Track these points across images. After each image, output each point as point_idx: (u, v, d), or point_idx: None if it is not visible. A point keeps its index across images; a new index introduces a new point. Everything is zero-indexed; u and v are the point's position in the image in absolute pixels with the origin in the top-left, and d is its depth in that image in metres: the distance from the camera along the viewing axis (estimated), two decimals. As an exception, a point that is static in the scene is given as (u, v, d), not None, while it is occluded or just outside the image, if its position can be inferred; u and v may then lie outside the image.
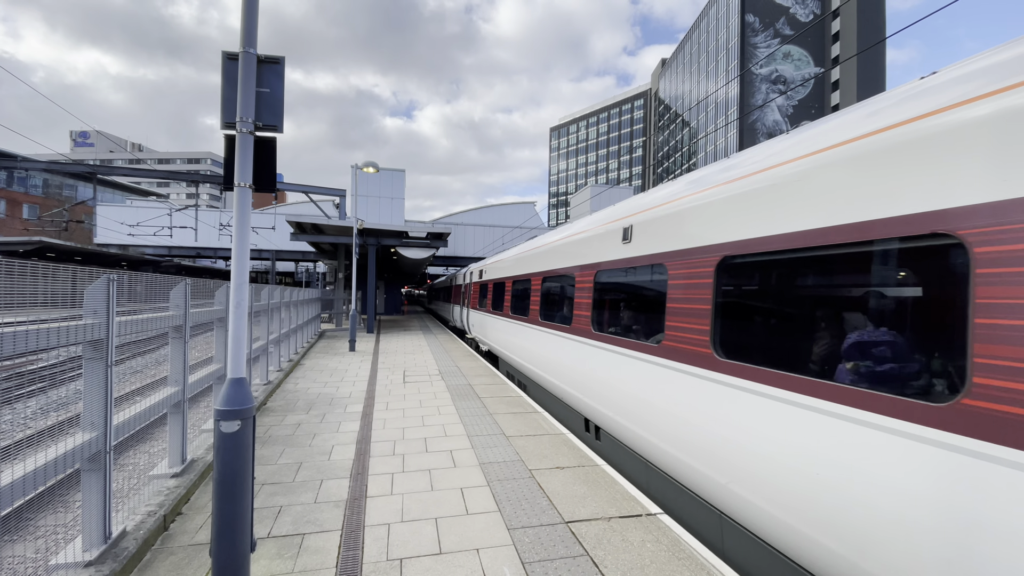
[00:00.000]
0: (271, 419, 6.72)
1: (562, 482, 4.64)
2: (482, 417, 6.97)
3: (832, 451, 2.53)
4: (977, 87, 2.10)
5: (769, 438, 2.94)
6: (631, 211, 5.14)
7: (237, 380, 2.86)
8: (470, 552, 3.40)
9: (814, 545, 2.65)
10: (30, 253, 23.57)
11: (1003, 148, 1.92)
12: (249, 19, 2.98)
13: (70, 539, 3.86)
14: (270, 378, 8.94)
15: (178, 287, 4.34)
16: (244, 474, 2.79)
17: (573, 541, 3.55)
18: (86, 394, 3.07)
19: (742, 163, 3.61)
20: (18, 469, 2.45)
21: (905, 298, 2.54)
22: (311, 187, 22.65)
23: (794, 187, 2.97)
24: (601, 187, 50.64)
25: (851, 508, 2.41)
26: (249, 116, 2.96)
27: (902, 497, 2.18)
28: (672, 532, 3.69)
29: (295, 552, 3.37)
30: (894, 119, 2.44)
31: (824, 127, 2.99)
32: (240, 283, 2.94)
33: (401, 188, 38.76)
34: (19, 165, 22.76)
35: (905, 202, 2.29)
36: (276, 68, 3.11)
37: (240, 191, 2.95)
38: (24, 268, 2.57)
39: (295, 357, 12.13)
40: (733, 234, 3.42)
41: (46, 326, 2.59)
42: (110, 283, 3.12)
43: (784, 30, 61.65)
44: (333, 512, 3.98)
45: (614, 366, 5.15)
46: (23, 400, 7.68)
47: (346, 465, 5.03)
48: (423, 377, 10.13)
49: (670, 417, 4.02)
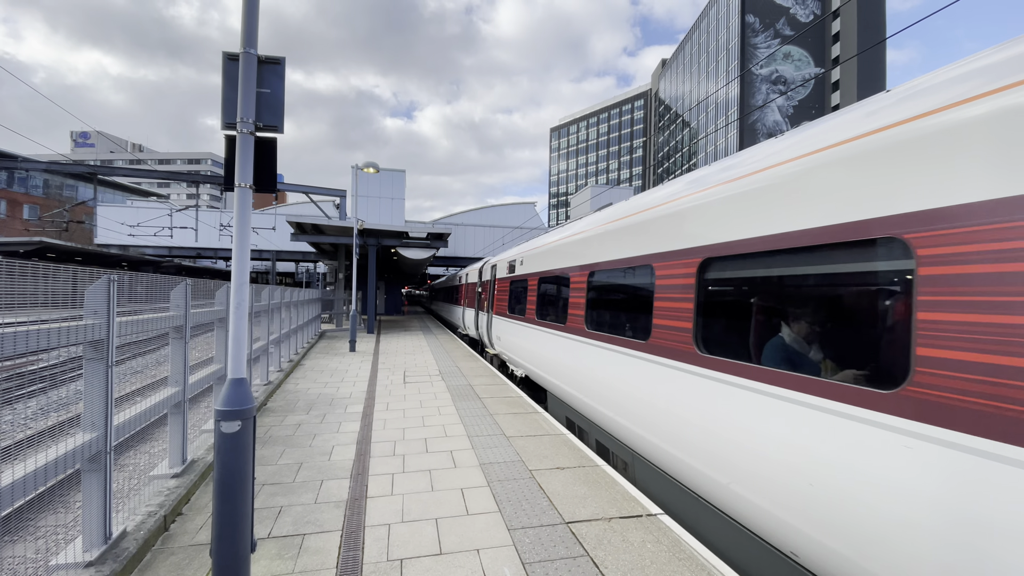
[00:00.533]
0: (271, 419, 6.72)
1: (562, 482, 4.63)
2: (482, 417, 6.97)
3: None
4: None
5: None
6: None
7: (237, 380, 2.86)
8: (470, 552, 3.40)
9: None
10: (31, 253, 23.58)
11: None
12: (249, 20, 2.98)
13: (70, 539, 3.86)
14: (270, 378, 8.94)
15: (178, 287, 4.34)
16: (244, 474, 2.79)
17: (573, 541, 3.55)
18: (87, 394, 3.07)
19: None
20: (19, 469, 2.45)
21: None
22: (311, 187, 22.68)
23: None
24: (601, 187, 50.66)
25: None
26: (250, 116, 2.96)
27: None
28: (672, 533, 3.69)
29: (295, 552, 3.37)
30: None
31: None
32: (240, 283, 2.94)
33: (401, 188, 38.77)
34: (20, 166, 22.78)
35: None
36: (276, 68, 3.11)
37: (240, 191, 2.95)
38: (25, 268, 2.57)
39: (295, 357, 12.13)
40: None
41: (47, 326, 2.59)
42: (111, 283, 3.12)
43: (784, 30, 61.68)
44: (333, 512, 3.98)
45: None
46: (24, 400, 7.68)
47: (346, 465, 5.03)
48: (423, 377, 10.13)
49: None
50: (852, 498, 2.40)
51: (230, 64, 3.01)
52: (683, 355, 3.90)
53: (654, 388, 4.26)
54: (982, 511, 1.89)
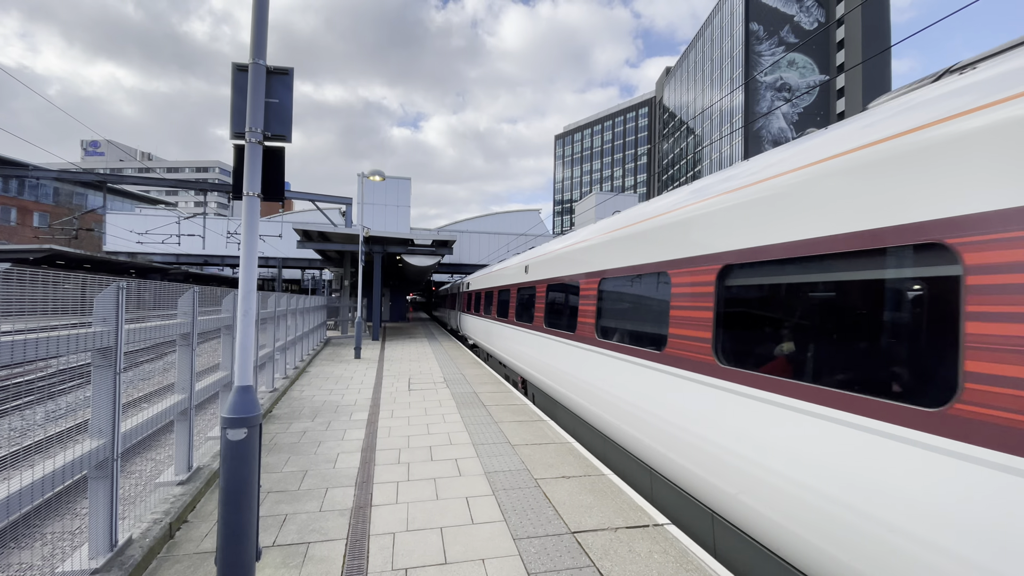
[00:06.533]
0: (277, 427, 6.72)
1: (568, 491, 4.60)
2: (487, 425, 6.94)
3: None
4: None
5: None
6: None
7: (244, 388, 2.86)
8: (475, 562, 3.37)
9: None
10: (40, 261, 23.82)
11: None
12: (259, 31, 3.02)
13: (76, 546, 3.87)
14: (276, 385, 8.96)
15: (186, 295, 4.37)
16: (250, 482, 2.79)
17: (579, 551, 3.52)
18: (94, 401, 3.08)
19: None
20: (26, 476, 2.46)
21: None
22: (318, 195, 22.85)
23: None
24: (606, 194, 50.70)
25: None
26: (258, 126, 3.00)
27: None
28: (680, 543, 3.64)
29: (300, 561, 3.35)
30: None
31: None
32: (248, 291, 2.96)
33: (407, 196, 39.00)
34: (30, 174, 23.09)
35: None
36: (285, 79, 3.14)
37: (249, 200, 2.97)
38: (35, 276, 2.60)
39: (301, 364, 12.16)
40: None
41: (56, 334, 2.61)
42: (119, 291, 3.14)
43: (788, 38, 61.78)
44: (338, 521, 3.96)
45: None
46: (32, 407, 7.73)
47: (351, 473, 5.02)
48: (428, 385, 10.11)
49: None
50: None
51: (239, 75, 3.05)
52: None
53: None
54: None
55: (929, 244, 2.19)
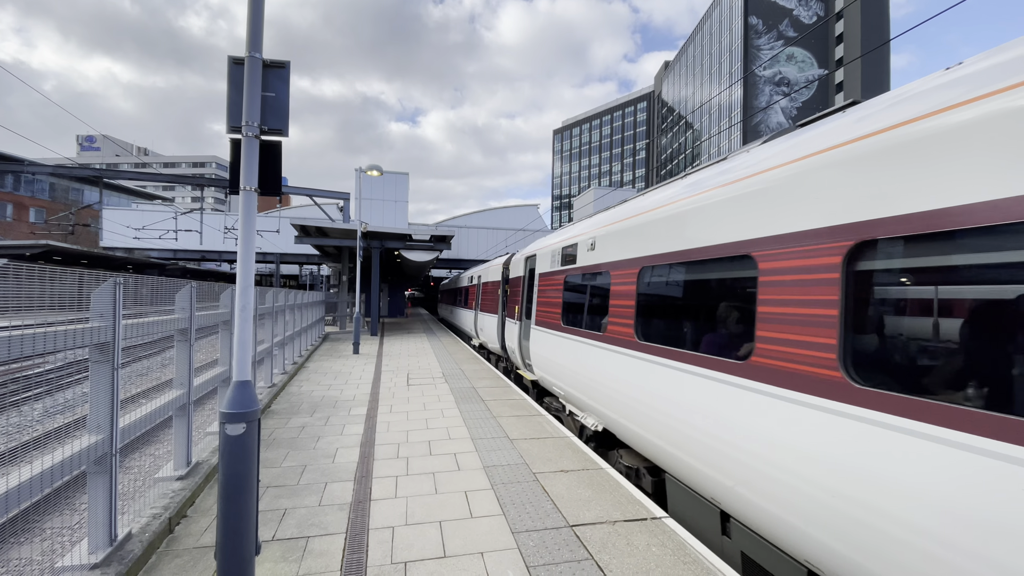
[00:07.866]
0: (275, 422, 6.73)
1: (566, 485, 4.62)
2: (486, 420, 6.96)
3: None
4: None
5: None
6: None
7: (242, 383, 2.86)
8: (474, 556, 3.39)
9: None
10: (37, 256, 23.73)
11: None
12: (255, 24, 2.99)
13: (76, 541, 3.87)
14: (274, 381, 8.96)
15: (183, 290, 4.36)
16: (249, 477, 2.80)
17: (578, 545, 3.54)
18: (92, 397, 3.08)
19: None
20: (25, 471, 2.46)
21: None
22: (315, 190, 22.74)
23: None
24: (605, 189, 50.59)
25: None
26: (255, 120, 2.98)
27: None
28: (677, 536, 3.67)
29: (299, 555, 3.37)
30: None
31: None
32: (245, 286, 2.95)
33: (405, 191, 38.86)
34: (26, 169, 22.93)
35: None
36: (281, 73, 3.12)
37: (245, 194, 2.96)
38: (31, 271, 2.59)
39: (299, 360, 12.16)
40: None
41: (53, 329, 2.60)
42: (116, 287, 3.13)
43: (787, 32, 61.52)
44: (337, 515, 3.98)
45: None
46: (30, 403, 7.72)
47: (350, 468, 5.03)
48: (427, 380, 10.13)
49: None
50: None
51: (236, 68, 3.02)
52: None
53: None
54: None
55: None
